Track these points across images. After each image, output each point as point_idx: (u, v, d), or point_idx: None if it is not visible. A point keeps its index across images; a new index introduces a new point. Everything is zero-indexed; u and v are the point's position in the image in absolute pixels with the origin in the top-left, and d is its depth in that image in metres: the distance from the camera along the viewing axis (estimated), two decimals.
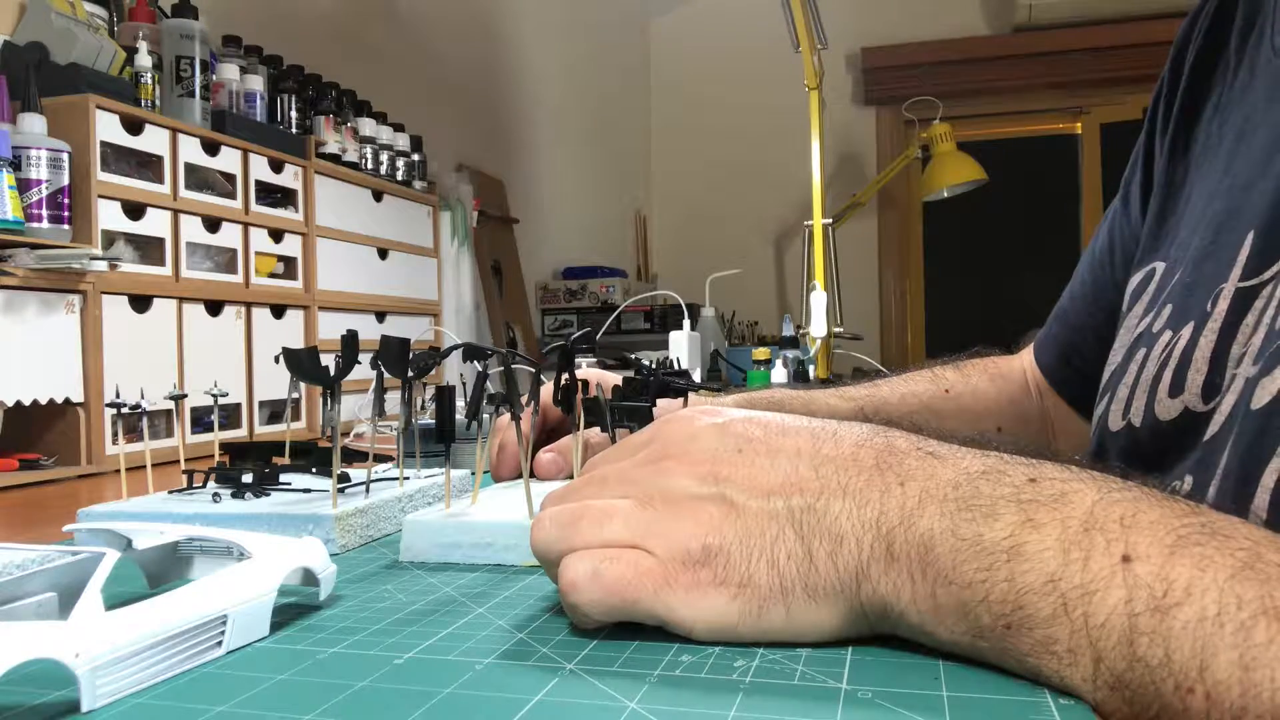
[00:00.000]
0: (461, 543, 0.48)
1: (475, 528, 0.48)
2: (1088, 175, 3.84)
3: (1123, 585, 0.27)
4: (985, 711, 0.27)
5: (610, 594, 0.33)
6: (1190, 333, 0.48)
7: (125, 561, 0.39)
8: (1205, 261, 0.49)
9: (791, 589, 0.32)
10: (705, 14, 4.08)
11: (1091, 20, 3.59)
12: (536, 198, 3.03)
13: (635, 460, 0.38)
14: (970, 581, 0.29)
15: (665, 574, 0.33)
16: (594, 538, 0.35)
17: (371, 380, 0.60)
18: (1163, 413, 0.48)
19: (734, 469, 0.34)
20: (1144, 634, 0.26)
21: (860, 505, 0.32)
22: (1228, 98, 0.55)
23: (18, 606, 0.34)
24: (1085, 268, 0.71)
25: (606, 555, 0.34)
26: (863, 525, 0.32)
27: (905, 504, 0.31)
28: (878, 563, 0.31)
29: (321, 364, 0.53)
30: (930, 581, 0.30)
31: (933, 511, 0.31)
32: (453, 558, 0.48)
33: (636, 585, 0.33)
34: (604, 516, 0.35)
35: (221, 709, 0.28)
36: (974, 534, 0.29)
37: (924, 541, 0.30)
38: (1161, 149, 0.60)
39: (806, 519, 0.32)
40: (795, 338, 2.36)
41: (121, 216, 1.13)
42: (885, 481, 0.32)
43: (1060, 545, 0.28)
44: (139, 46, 1.22)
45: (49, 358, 1.01)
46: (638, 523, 0.34)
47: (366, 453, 0.75)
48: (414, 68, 2.36)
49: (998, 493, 0.30)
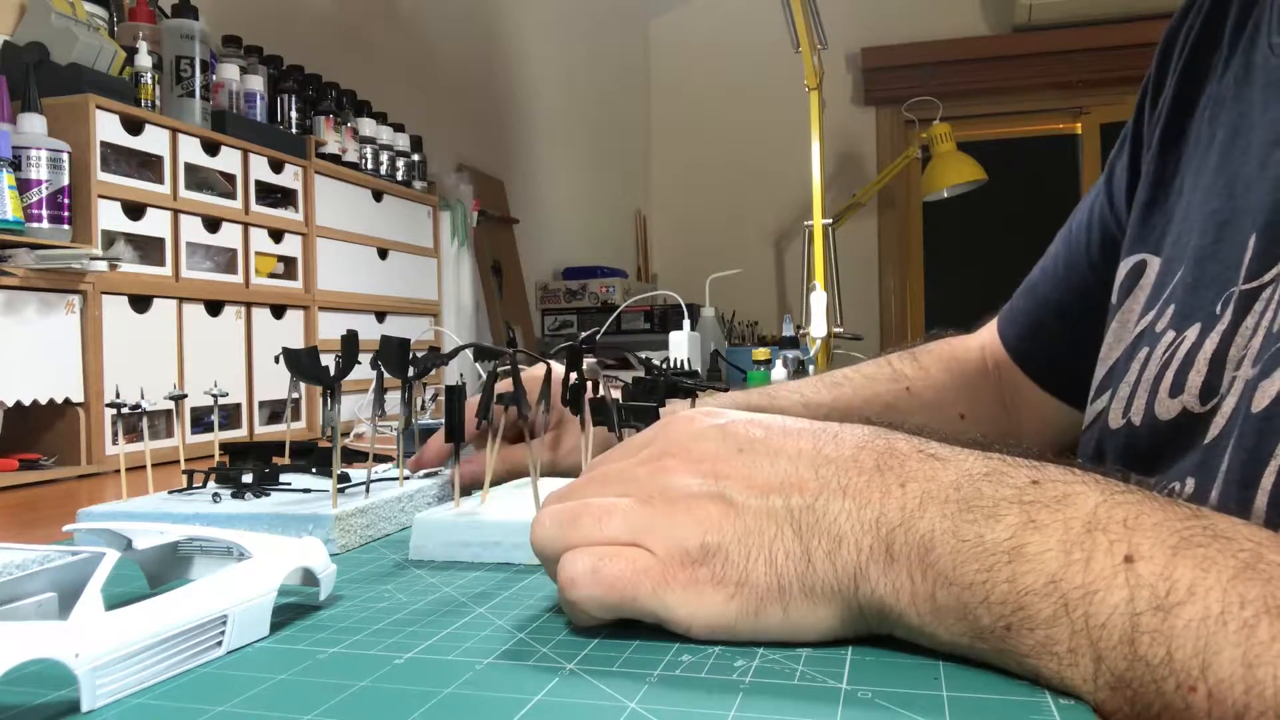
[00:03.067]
0: (470, 541, 0.48)
1: (484, 527, 0.48)
2: (1088, 175, 3.83)
3: (1125, 585, 0.26)
4: (985, 711, 0.27)
5: (608, 591, 0.33)
6: (1196, 335, 0.47)
7: (125, 561, 0.39)
8: (1207, 261, 0.49)
9: (789, 589, 0.32)
10: (705, 14, 4.08)
11: (1091, 20, 3.59)
12: (536, 198, 3.03)
13: (636, 460, 0.38)
14: (971, 582, 0.29)
15: (663, 572, 0.33)
16: (593, 535, 0.34)
17: (371, 380, 0.61)
18: (1162, 412, 0.48)
19: (734, 468, 0.34)
20: (1146, 633, 0.26)
21: (860, 506, 0.32)
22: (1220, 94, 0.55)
23: (18, 606, 0.34)
24: (1061, 243, 0.70)
25: (605, 553, 0.34)
26: (862, 526, 0.31)
27: (906, 505, 0.31)
28: (877, 564, 0.31)
29: (321, 364, 0.53)
30: (930, 582, 0.30)
31: (934, 512, 0.30)
32: (461, 556, 0.48)
33: (635, 582, 0.33)
34: (604, 514, 0.35)
35: (221, 709, 0.28)
36: (975, 535, 0.29)
37: (924, 542, 0.30)
38: (1150, 139, 0.60)
39: (805, 519, 0.32)
40: (795, 338, 2.36)
41: (121, 216, 1.13)
42: (886, 483, 0.32)
43: (1062, 546, 0.28)
44: (139, 46, 1.21)
45: (49, 358, 1.01)
46: (637, 521, 0.34)
47: (366, 453, 0.75)
48: (414, 68, 2.36)
49: (1000, 494, 0.30)
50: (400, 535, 0.56)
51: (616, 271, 3.21)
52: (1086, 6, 3.55)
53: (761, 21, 3.25)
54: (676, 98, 4.14)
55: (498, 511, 0.50)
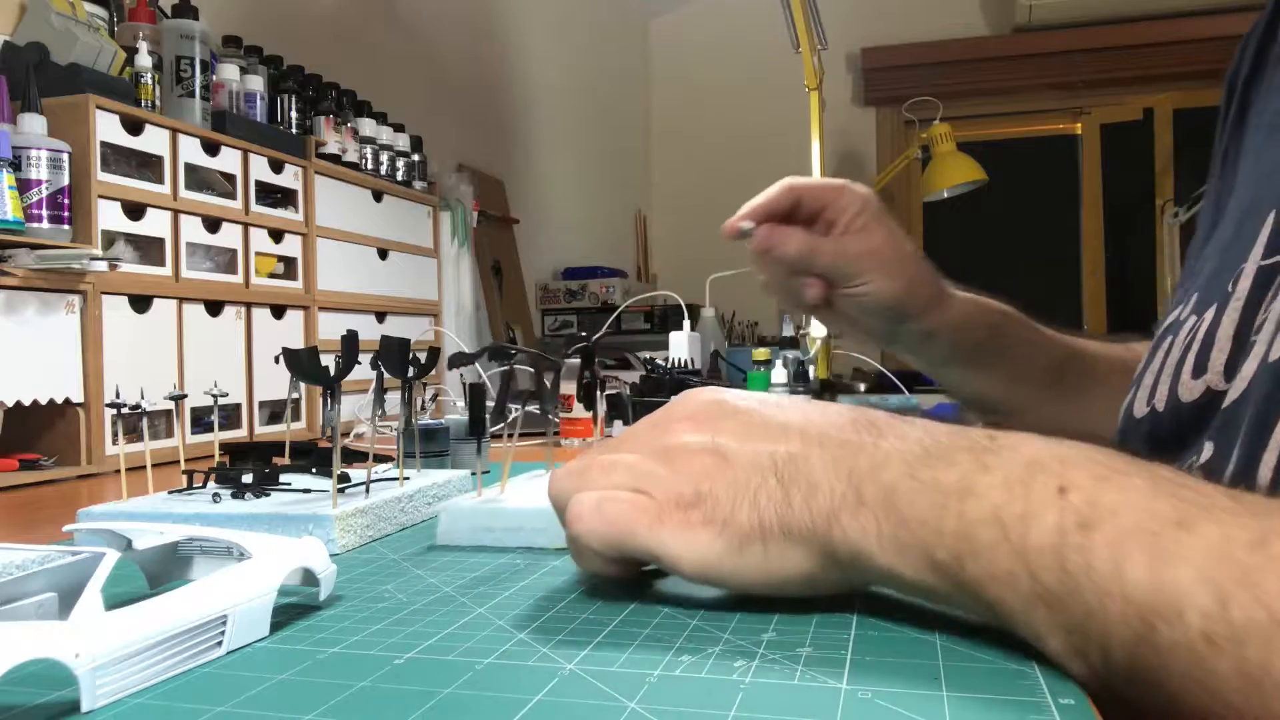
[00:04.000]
0: (494, 527, 0.51)
1: (507, 513, 0.51)
2: (1088, 175, 3.84)
3: (1057, 511, 0.29)
4: (985, 711, 0.27)
5: (610, 526, 0.37)
6: (1212, 315, 0.47)
7: (125, 561, 0.39)
8: (1230, 249, 0.49)
9: (770, 529, 0.35)
10: (705, 14, 4.08)
11: (1091, 20, 3.59)
12: (536, 198, 3.03)
13: (645, 425, 0.41)
14: (926, 519, 0.32)
15: (659, 513, 0.36)
16: (599, 483, 0.38)
17: (371, 380, 0.61)
18: (1185, 394, 0.48)
19: (729, 426, 0.38)
20: (1072, 550, 0.28)
21: (836, 458, 0.35)
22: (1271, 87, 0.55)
23: (18, 606, 0.34)
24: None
25: (609, 495, 0.38)
26: (836, 475, 0.35)
27: (875, 457, 0.35)
28: (848, 508, 0.34)
29: (321, 364, 0.53)
30: (893, 523, 0.33)
31: (898, 463, 0.34)
32: (485, 541, 0.51)
33: (634, 520, 0.36)
34: (611, 467, 0.39)
35: (221, 709, 0.28)
36: (932, 479, 0.33)
37: (888, 488, 0.33)
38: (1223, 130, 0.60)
39: (788, 468, 0.36)
40: (795, 338, 2.36)
41: (121, 217, 1.13)
42: (861, 440, 0.36)
43: (1005, 483, 0.31)
44: (139, 47, 1.21)
45: (49, 358, 1.01)
46: (639, 471, 0.38)
47: (366, 453, 0.75)
48: (414, 68, 2.36)
49: (957, 444, 0.34)
50: (401, 535, 0.56)
51: (616, 271, 3.21)
52: (1086, 7, 3.56)
53: (761, 22, 3.24)
54: (676, 98, 4.14)
55: (518, 499, 0.53)
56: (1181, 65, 3.55)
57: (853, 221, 0.69)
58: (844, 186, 0.69)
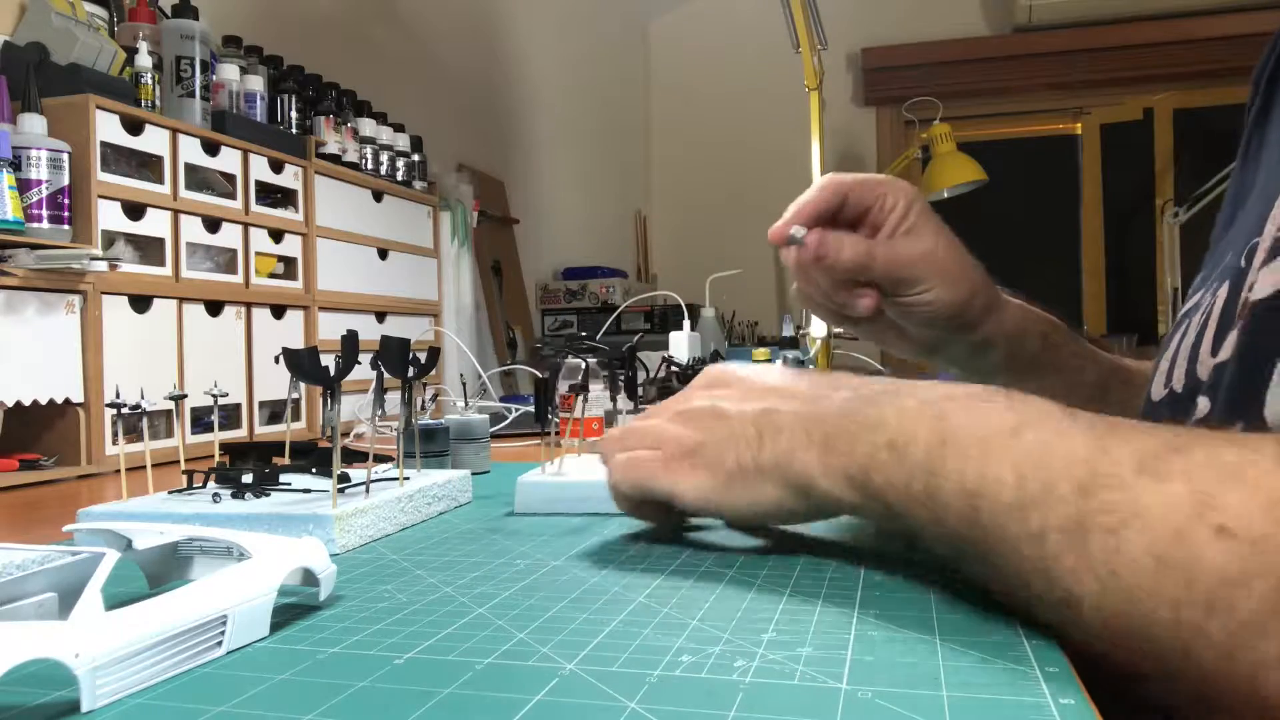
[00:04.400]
0: (563, 497, 0.61)
1: (574, 486, 0.61)
2: (1088, 176, 3.84)
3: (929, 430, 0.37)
4: (985, 711, 0.27)
5: (634, 471, 0.48)
6: (1227, 291, 0.47)
7: (125, 561, 0.39)
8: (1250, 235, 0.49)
9: (747, 468, 0.44)
10: (705, 14, 4.07)
11: (1091, 21, 3.59)
12: (536, 198, 3.03)
13: (673, 397, 0.52)
14: (849, 450, 0.40)
15: (669, 461, 0.47)
16: (632, 443, 0.50)
17: (371, 380, 0.61)
18: (1203, 373, 0.47)
19: (729, 391, 0.48)
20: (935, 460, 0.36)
21: (797, 411, 0.44)
22: None
23: (18, 606, 0.34)
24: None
25: (637, 452, 0.49)
26: (796, 422, 0.43)
27: (826, 406, 0.43)
28: (800, 446, 0.42)
29: (321, 364, 0.53)
30: (827, 454, 0.41)
31: (838, 408, 0.42)
32: (557, 509, 0.61)
33: (652, 468, 0.48)
34: (642, 432, 0.50)
35: (221, 709, 0.28)
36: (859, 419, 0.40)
37: (829, 428, 0.42)
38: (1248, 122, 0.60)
39: (764, 419, 0.45)
40: (795, 338, 2.36)
41: (121, 216, 1.13)
42: (819, 394, 0.44)
43: (899, 415, 0.39)
44: (139, 47, 1.21)
45: (49, 358, 1.01)
46: (661, 433, 0.49)
47: (366, 453, 0.75)
48: (414, 68, 2.36)
49: (885, 392, 0.41)
50: (401, 535, 0.56)
51: (616, 271, 3.21)
52: (1086, 7, 3.56)
53: (761, 22, 3.24)
54: (676, 98, 4.14)
55: (580, 473, 0.63)
56: (1181, 65, 3.55)
57: (901, 222, 0.64)
58: (887, 181, 0.65)
